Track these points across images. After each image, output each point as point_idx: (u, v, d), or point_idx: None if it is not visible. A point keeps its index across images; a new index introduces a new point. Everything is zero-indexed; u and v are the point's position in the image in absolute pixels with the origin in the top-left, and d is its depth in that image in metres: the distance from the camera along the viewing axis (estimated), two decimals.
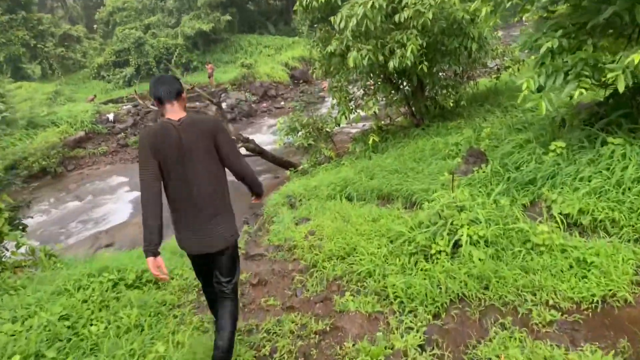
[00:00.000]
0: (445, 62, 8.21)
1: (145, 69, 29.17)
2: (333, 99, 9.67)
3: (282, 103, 23.95)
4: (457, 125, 8.37)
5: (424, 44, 7.35)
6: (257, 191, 3.42)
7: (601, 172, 4.59)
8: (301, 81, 26.78)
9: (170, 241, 5.60)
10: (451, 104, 8.75)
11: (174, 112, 2.96)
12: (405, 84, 9.19)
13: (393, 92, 9.23)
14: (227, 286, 3.24)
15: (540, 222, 4.33)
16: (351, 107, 9.18)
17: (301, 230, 5.76)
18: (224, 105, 22.99)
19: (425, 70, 7.57)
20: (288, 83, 26.56)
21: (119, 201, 14.38)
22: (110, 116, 20.99)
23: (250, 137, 18.46)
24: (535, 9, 5.43)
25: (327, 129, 9.58)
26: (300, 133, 9.65)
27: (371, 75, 8.97)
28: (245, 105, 22.68)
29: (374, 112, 8.65)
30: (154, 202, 2.87)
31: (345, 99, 9.18)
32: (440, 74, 9.13)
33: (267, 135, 18.67)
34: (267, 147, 16.81)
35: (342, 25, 7.84)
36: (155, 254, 2.91)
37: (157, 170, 2.90)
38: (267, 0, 35.67)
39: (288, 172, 10.13)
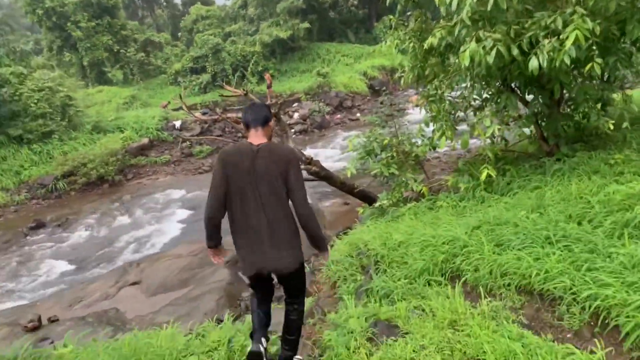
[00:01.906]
0: (617, 61, 5.10)
1: (221, 76, 27.51)
2: (428, 111, 6.84)
3: (358, 115, 21.22)
4: (626, 158, 5.25)
5: (596, 31, 4.31)
6: (317, 246, 3.17)
7: None
8: (383, 89, 23.89)
9: None
10: (610, 127, 5.60)
11: (256, 138, 2.99)
12: (535, 95, 6.16)
13: (511, 105, 6.21)
14: (295, 300, 3.27)
15: None
16: (454, 125, 6.31)
17: None
18: (296, 115, 20.68)
19: (598, 70, 4.51)
20: (366, 93, 23.79)
21: (167, 221, 12.24)
22: (177, 123, 19.23)
23: (320, 151, 15.95)
24: None
25: (417, 153, 6.73)
26: (379, 157, 6.86)
27: (488, 80, 6.02)
28: (318, 117, 20.19)
29: (492, 134, 5.72)
30: (217, 218, 3.01)
31: (447, 113, 6.30)
32: (588, 81, 6.00)
33: (337, 150, 16.00)
34: (337, 164, 14.22)
35: (453, 5, 5.00)
36: (213, 247, 3.17)
37: (224, 188, 2.91)
38: (349, 7, 33.13)
39: (360, 210, 7.36)
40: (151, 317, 7.10)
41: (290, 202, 2.96)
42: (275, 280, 3.20)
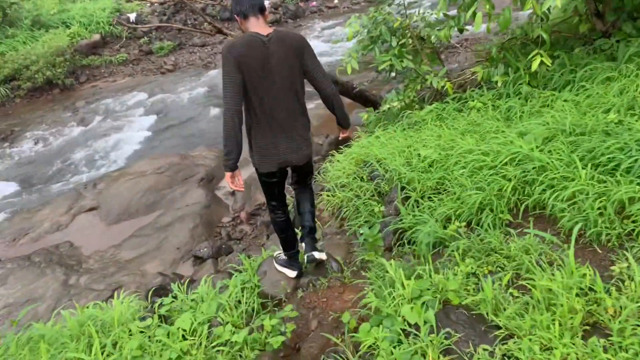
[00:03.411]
0: None
1: None
2: None
3: (336, 1, 18.76)
4: None
5: None
6: (343, 122, 3.15)
7: None
8: None
9: None
10: None
11: (261, 27, 2.71)
12: None
13: None
14: (308, 182, 3.28)
15: None
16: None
17: None
18: (266, 3, 18.13)
19: None
20: None
21: (128, 130, 10.47)
22: (132, 16, 16.53)
23: None
24: None
25: (439, 38, 5.08)
26: (386, 45, 5.19)
27: None
28: (291, 4, 17.73)
29: (548, 8, 4.12)
30: (238, 119, 2.67)
31: None
32: None
33: (318, 42, 13.97)
34: (323, 59, 12.25)
35: None
36: (234, 168, 2.80)
37: (241, 86, 2.66)
38: None
39: (364, 116, 5.81)
40: (113, 253, 5.75)
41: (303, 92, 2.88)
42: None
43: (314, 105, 9.98)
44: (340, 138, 3.34)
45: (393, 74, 5.60)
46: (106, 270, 5.42)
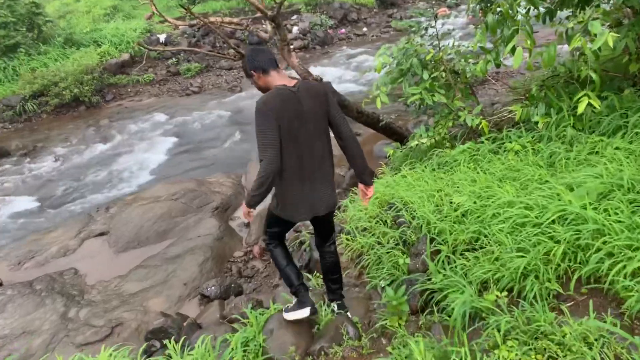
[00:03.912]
0: None
1: None
2: (479, 17, 4.75)
3: (365, 29, 18.60)
4: None
5: None
6: (365, 177, 2.96)
7: None
8: (389, 3, 21.14)
9: None
10: None
11: (284, 79, 2.80)
12: None
13: None
14: (331, 246, 3.18)
15: None
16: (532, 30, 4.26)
17: None
18: (295, 29, 18.05)
19: None
20: (372, 5, 20.91)
21: (150, 150, 10.30)
22: (162, 37, 16.65)
23: (325, 70, 13.63)
24: None
25: (473, 73, 4.69)
26: (422, 77, 4.82)
27: None
28: (320, 31, 17.63)
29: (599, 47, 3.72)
30: (275, 173, 2.64)
31: (523, 14, 4.23)
32: None
33: (345, 71, 13.74)
34: (348, 87, 11.98)
35: None
36: (254, 207, 2.76)
37: (278, 138, 2.62)
38: None
39: (390, 151, 5.42)
40: (117, 285, 5.41)
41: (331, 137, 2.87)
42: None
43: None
44: (362, 199, 3.07)
45: (422, 108, 5.24)
46: (108, 303, 5.08)
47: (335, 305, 3.15)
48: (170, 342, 2.95)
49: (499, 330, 2.20)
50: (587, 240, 2.51)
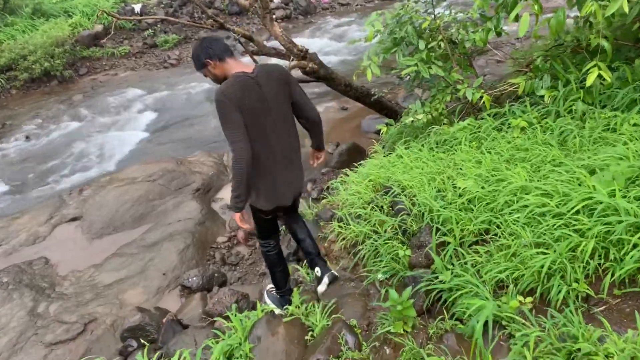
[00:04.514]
0: None
1: None
2: None
3: None
4: None
5: None
6: (321, 145, 3.19)
7: None
8: None
9: None
10: None
11: (242, 66, 2.70)
12: None
13: None
14: (298, 215, 3.32)
15: None
16: None
17: None
18: None
19: None
20: None
21: (127, 127, 9.75)
22: (137, 7, 15.77)
23: (309, 42, 12.95)
24: None
25: (474, 42, 4.27)
26: (418, 47, 4.38)
27: None
28: (302, 0, 16.91)
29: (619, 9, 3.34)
30: (249, 165, 2.57)
31: None
32: None
33: (330, 42, 13.16)
34: (333, 59, 11.46)
35: None
36: (242, 209, 2.74)
37: (244, 128, 2.56)
38: None
39: (383, 128, 4.99)
40: (91, 275, 5.00)
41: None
42: None
43: (323, 109, 9.25)
44: (315, 164, 3.26)
45: (417, 81, 4.83)
46: (81, 296, 4.68)
47: (319, 269, 3.18)
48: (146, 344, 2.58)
49: (527, 347, 1.87)
50: (621, 235, 2.18)
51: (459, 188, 3.14)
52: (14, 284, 4.92)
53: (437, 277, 2.59)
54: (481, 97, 4.13)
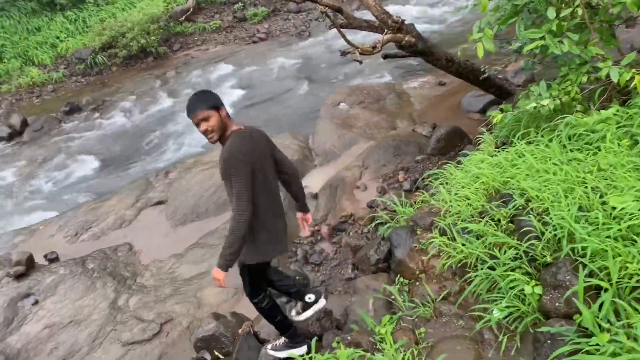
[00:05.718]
0: None
1: None
2: None
3: None
4: None
5: None
6: (304, 204, 3.22)
7: None
8: None
9: None
10: None
11: (234, 123, 2.76)
12: None
13: None
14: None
15: None
16: None
17: None
18: None
19: None
20: None
21: None
22: None
23: (400, 10, 11.92)
24: None
25: (625, 5, 3.31)
26: (547, 16, 3.48)
27: None
28: None
29: None
30: (250, 221, 2.58)
31: None
32: None
33: (429, 8, 12.02)
34: (428, 28, 10.39)
35: None
36: (231, 267, 2.70)
37: (252, 183, 2.60)
38: None
39: (497, 116, 4.13)
40: (171, 267, 4.80)
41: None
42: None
43: (418, 84, 8.39)
44: (307, 230, 3.43)
45: (540, 58, 3.92)
46: (160, 290, 4.46)
47: (312, 295, 3.26)
48: None
49: None
50: None
51: (611, 207, 2.34)
52: (99, 271, 4.83)
53: (586, 335, 1.87)
54: (631, 79, 3.18)
